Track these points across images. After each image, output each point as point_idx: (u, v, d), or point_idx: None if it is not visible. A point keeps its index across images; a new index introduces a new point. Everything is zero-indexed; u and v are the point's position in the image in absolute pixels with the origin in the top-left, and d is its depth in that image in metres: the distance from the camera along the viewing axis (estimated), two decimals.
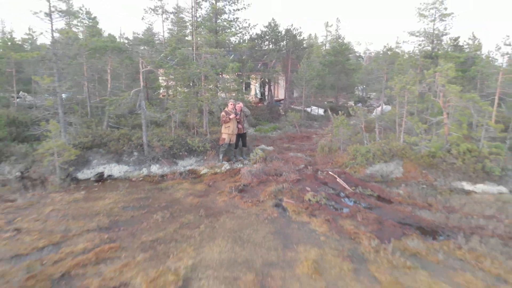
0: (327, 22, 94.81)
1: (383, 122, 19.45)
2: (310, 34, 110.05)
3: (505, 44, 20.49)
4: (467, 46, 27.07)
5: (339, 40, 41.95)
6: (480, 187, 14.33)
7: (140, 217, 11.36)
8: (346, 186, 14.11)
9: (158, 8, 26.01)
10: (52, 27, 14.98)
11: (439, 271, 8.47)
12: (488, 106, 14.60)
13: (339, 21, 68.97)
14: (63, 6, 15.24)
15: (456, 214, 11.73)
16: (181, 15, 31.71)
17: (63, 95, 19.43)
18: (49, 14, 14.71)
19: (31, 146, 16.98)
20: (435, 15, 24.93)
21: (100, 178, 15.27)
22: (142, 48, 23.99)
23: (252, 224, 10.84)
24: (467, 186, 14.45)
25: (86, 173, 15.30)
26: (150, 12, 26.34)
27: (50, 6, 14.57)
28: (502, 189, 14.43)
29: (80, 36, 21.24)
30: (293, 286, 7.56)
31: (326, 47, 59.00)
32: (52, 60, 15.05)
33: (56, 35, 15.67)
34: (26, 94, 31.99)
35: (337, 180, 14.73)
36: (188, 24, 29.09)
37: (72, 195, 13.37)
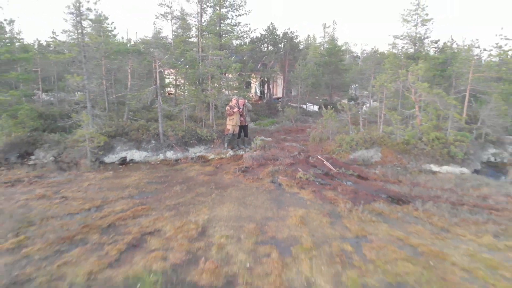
0: (325, 23, 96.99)
1: (366, 115, 21.80)
2: (308, 35, 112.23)
3: (475, 47, 22.85)
4: (447, 47, 29.40)
5: (333, 42, 44.20)
6: (445, 168, 16.71)
7: (162, 189, 13.74)
8: (332, 168, 16.48)
9: (167, 14, 28.35)
10: (82, 32, 17.31)
11: (397, 224, 10.86)
12: (453, 100, 16.95)
13: (335, 23, 71.07)
14: (92, 15, 17.57)
15: (419, 187, 14.12)
16: (186, 18, 33.90)
17: (77, 93, 21.85)
18: (80, 22, 17.04)
19: (62, 135, 19.34)
20: (417, 20, 27.28)
21: (123, 162, 17.64)
22: (152, 50, 26.23)
23: (253, 194, 13.22)
24: (434, 167, 16.83)
25: (111, 158, 17.66)
26: (161, 17, 28.68)
27: (81, 17, 16.91)
28: (464, 170, 16.82)
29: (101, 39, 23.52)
30: (284, 231, 9.95)
31: (324, 47, 61.31)
32: (82, 61, 17.38)
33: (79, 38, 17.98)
34: (39, 92, 34.29)
35: (325, 163, 17.10)
36: (193, 27, 31.36)
37: (102, 174, 15.76)
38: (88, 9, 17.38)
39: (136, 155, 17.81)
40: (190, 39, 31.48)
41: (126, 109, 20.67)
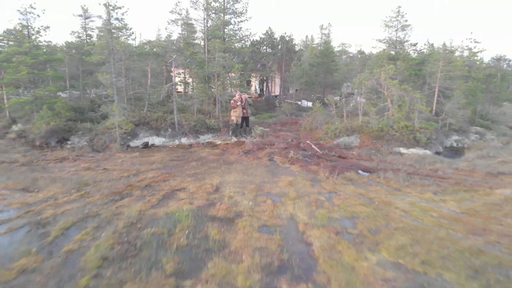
0: (322, 25, 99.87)
1: (349, 108, 24.96)
2: (307, 36, 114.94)
3: (446, 50, 25.99)
4: (424, 49, 32.55)
5: (327, 44, 47.09)
6: (411, 150, 19.90)
7: (182, 164, 16.93)
8: (318, 150, 19.67)
9: (178, 21, 31.40)
10: (111, 37, 20.47)
11: (362, 186, 14.06)
12: (418, 94, 20.14)
13: (330, 25, 74.03)
14: (117, 23, 20.72)
15: (386, 163, 17.32)
16: (191, 22, 36.87)
17: (106, 89, 24.94)
18: (110, 30, 20.18)
19: (93, 124, 22.51)
20: (397, 26, 30.33)
21: (146, 146, 20.82)
22: (169, 53, 29.26)
23: (253, 167, 16.41)
24: (402, 150, 20.01)
25: (135, 142, 20.84)
26: (172, 23, 31.75)
27: (111, 26, 20.07)
28: (427, 152, 20.02)
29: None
30: (276, 189, 13.15)
31: (320, 48, 64.30)
32: (111, 62, 20.53)
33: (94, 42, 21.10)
34: (69, 89, 37.34)
35: (312, 146, 20.29)
36: (199, 32, 34.40)
37: (131, 154, 18.94)
38: (116, 19, 20.53)
39: (156, 140, 21.00)
40: (194, 41, 34.55)
41: (146, 103, 23.84)
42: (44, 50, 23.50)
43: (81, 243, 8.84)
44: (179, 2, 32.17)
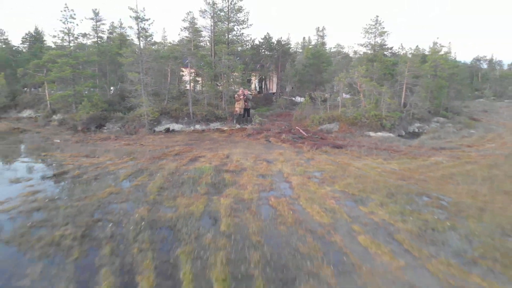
0: (318, 27, 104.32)
1: (330, 102, 29.51)
2: (304, 37, 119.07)
3: (409, 53, 30.50)
4: (397, 52, 37.03)
5: (318, 47, 51.45)
6: (378, 133, 24.48)
7: (198, 142, 21.51)
8: (304, 134, 24.25)
9: (189, 28, 35.83)
10: (139, 44, 24.99)
11: (332, 155, 18.65)
12: (384, 88, 24.69)
13: (325, 29, 78.17)
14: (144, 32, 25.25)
15: (355, 142, 21.93)
16: (199, 29, 41.20)
17: (111, 88, 29.47)
18: (139, 37, 24.72)
19: (123, 113, 27.04)
20: (376, 32, 34.79)
21: (167, 130, 25.36)
22: (187, 56, 33.66)
23: (253, 145, 20.99)
24: (371, 133, 24.58)
25: (159, 128, 25.39)
26: (184, 30, 36.21)
27: (139, 34, 24.60)
28: (391, 135, 24.58)
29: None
30: (270, 156, 17.74)
31: (316, 48, 68.74)
32: (139, 63, 25.05)
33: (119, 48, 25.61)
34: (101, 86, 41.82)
35: (300, 131, 24.88)
36: (207, 37, 38.81)
37: (157, 136, 23.52)
38: (144, 28, 25.06)
39: (175, 126, 25.56)
40: (200, 43, 38.99)
41: (166, 96, 28.37)
42: (82, 53, 27.96)
43: (142, 182, 13.44)
44: (190, 11, 36.62)
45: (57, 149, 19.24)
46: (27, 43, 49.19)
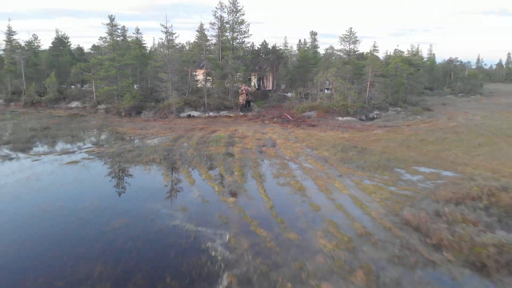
0: (312, 31, 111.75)
1: (314, 96, 37.33)
2: (300, 40, 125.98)
3: (372, 56, 38.25)
4: (366, 56, 44.81)
5: (305, 52, 59.46)
6: (344, 118, 32.27)
7: (213, 123, 29.37)
8: (290, 118, 32.10)
9: (202, 37, 43.39)
10: (168, 51, 32.74)
11: (307, 130, 26.53)
12: (350, 85, 32.49)
13: (314, 33, 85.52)
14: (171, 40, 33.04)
15: (326, 122, 29.79)
16: (210, 38, 48.81)
17: (135, 86, 37.24)
18: (168, 48, 32.49)
19: (155, 103, 34.81)
20: (350, 41, 42.46)
21: (189, 116, 33.17)
22: (203, 60, 41.48)
23: (253, 125, 28.86)
24: (339, 118, 32.38)
25: (183, 114, 33.18)
26: (197, 39, 43.95)
27: (168, 43, 32.34)
28: (353, 118, 32.41)
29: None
30: (264, 131, 25.63)
31: (305, 52, 76.46)
32: (167, 66, 32.81)
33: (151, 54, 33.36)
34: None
35: (288, 116, 32.74)
36: (214, 42, 46.49)
37: (183, 120, 31.33)
38: (171, 40, 32.77)
39: (195, 113, 33.38)
40: (208, 47, 46.79)
41: (187, 91, 36.18)
42: (123, 58, 35.71)
43: (184, 141, 21.35)
44: (202, 24, 44.27)
45: (116, 126, 27.10)
46: (52, 46, 56.51)
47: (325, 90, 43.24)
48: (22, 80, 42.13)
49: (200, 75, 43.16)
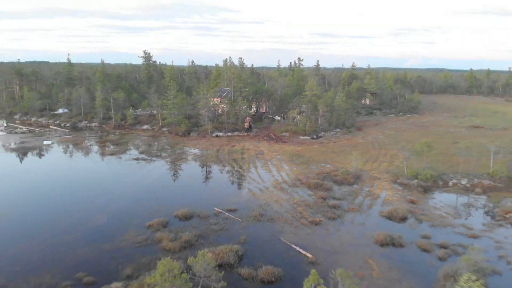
0: (299, 57, 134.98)
1: (290, 121, 60.76)
2: (290, 63, 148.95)
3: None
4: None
5: (294, 74, 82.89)
6: (304, 137, 55.71)
7: (232, 140, 52.86)
8: (274, 137, 55.54)
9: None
10: (206, 93, 56.15)
11: (280, 145, 50.10)
12: (305, 116, 56.06)
13: (302, 59, 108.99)
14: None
15: (293, 140, 53.30)
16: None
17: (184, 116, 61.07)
18: (206, 104, 55.89)
19: (197, 128, 58.24)
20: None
21: (217, 135, 56.60)
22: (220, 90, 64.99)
23: (252, 141, 52.43)
24: (301, 137, 55.80)
25: (213, 134, 56.64)
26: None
27: (209, 88, 55.73)
28: (308, 137, 55.95)
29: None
30: (258, 145, 49.24)
31: (295, 81, 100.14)
32: (206, 107, 56.08)
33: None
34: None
35: (272, 136, 56.20)
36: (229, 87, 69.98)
37: (213, 138, 54.82)
38: (207, 78, 56.07)
39: (220, 133, 56.83)
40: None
41: (214, 119, 59.57)
42: (183, 103, 59.15)
43: (221, 152, 45.08)
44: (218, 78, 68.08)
45: (183, 144, 50.67)
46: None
47: (297, 116, 66.71)
48: (111, 109, 65.36)
49: (216, 101, 66.64)
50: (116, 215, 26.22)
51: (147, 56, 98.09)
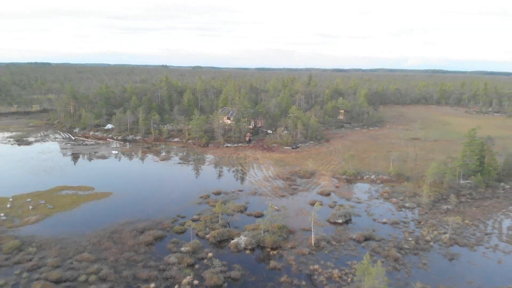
0: (290, 78, 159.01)
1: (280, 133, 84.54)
2: (283, 79, 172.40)
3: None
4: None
5: (287, 93, 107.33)
6: (287, 147, 79.64)
7: (237, 150, 76.83)
8: (266, 147, 79.43)
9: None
10: (219, 110, 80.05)
11: (271, 153, 74.17)
12: (287, 132, 79.94)
13: (295, 78, 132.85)
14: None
15: (279, 150, 77.37)
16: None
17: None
18: (219, 123, 79.80)
19: (213, 140, 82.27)
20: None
21: (227, 146, 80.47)
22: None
23: (251, 151, 76.50)
24: (285, 147, 79.70)
25: (224, 145, 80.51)
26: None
27: (220, 122, 79.68)
28: (289, 147, 79.92)
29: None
30: (255, 154, 73.32)
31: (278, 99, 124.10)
32: (220, 128, 79.87)
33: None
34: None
35: (265, 146, 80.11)
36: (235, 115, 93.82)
37: (225, 148, 78.73)
38: (215, 92, 79.81)
39: (229, 144, 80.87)
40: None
41: (225, 133, 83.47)
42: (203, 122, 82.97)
43: (231, 158, 69.26)
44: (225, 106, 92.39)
45: (205, 152, 74.80)
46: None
47: (284, 131, 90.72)
48: (149, 126, 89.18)
49: (226, 121, 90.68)
50: (183, 192, 50.32)
51: (166, 79, 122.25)
